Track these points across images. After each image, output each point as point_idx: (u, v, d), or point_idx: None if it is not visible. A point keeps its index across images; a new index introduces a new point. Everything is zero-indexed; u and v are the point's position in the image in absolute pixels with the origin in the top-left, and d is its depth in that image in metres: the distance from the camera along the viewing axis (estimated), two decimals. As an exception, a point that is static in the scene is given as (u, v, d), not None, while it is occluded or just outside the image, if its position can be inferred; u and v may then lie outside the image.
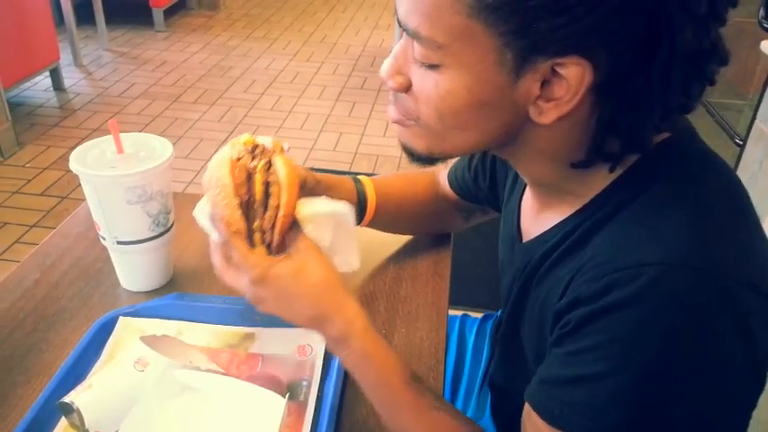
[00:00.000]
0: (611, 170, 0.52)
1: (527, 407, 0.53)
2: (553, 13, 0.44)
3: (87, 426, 0.61)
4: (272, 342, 0.77)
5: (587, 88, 0.47)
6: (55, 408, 0.63)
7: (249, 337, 0.78)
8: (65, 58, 3.51)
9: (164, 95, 3.42)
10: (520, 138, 0.54)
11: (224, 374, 0.69)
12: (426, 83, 0.52)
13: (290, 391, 0.70)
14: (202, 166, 2.75)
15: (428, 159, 0.58)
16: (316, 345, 0.76)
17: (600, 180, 0.54)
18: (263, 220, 0.60)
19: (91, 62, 3.81)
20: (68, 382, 0.66)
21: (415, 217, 0.93)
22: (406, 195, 0.91)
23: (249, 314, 0.79)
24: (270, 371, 0.73)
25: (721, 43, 0.48)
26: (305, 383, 0.72)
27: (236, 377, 0.70)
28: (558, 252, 0.56)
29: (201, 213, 0.64)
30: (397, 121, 0.58)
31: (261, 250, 0.61)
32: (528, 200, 0.68)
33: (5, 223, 2.33)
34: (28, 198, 2.48)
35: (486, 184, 0.83)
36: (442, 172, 0.92)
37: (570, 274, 0.52)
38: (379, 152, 2.89)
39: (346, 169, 2.76)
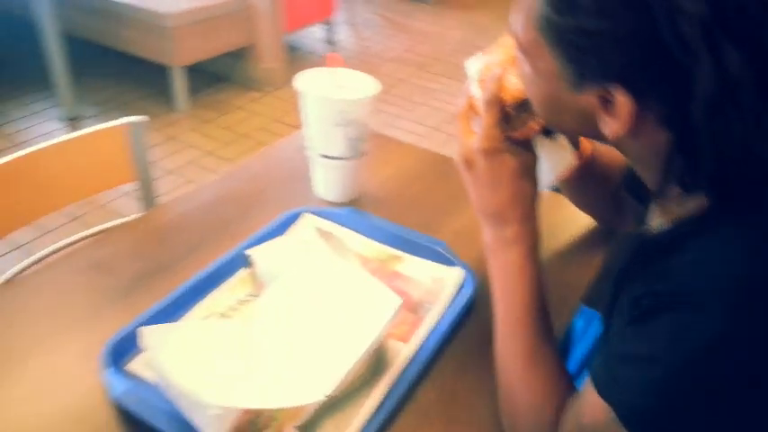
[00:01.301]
0: (684, 198, 0.53)
1: (588, 377, 0.57)
2: (587, 51, 0.50)
3: (257, 274, 0.80)
4: (415, 267, 0.89)
5: (635, 117, 0.50)
6: (242, 257, 0.84)
7: (397, 258, 0.91)
8: (342, 16, 3.98)
9: (414, 63, 3.70)
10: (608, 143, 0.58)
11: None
12: (521, 66, 0.60)
13: (416, 307, 0.82)
14: (430, 134, 2.96)
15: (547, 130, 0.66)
16: (449, 280, 0.86)
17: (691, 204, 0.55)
18: (524, 114, 0.65)
19: (362, 22, 4.26)
20: (255, 245, 0.86)
21: (605, 195, 0.91)
22: (609, 166, 0.88)
23: (400, 240, 0.92)
24: (403, 288, 0.85)
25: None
26: (428, 306, 0.83)
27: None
28: (651, 252, 0.58)
29: (477, 65, 0.70)
30: None
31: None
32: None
33: (262, 143, 2.79)
34: (284, 127, 2.93)
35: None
36: None
37: (655, 274, 0.54)
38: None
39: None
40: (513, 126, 0.66)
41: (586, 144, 0.84)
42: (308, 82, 0.97)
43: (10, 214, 1.03)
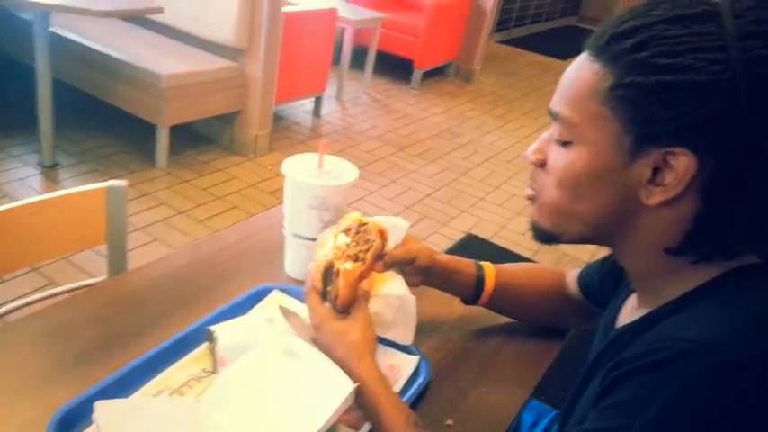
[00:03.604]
0: (695, 262, 0.59)
1: None
2: (666, 107, 0.54)
3: (218, 350, 0.80)
4: (374, 354, 0.90)
5: (691, 180, 0.56)
6: (204, 331, 0.84)
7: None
8: (329, 91, 4.11)
9: (394, 143, 3.81)
10: (625, 225, 0.63)
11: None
12: (557, 158, 0.65)
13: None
14: (400, 212, 3.02)
15: (549, 237, 0.69)
16: (404, 369, 0.87)
17: (685, 283, 0.60)
18: (331, 290, 0.81)
19: (349, 99, 4.40)
20: (219, 319, 0.87)
21: (532, 308, 1.01)
22: (526, 287, 1.00)
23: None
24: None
25: None
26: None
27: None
28: (625, 338, 0.63)
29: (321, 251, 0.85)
30: (529, 197, 0.70)
31: (326, 306, 0.81)
32: (632, 297, 0.74)
33: (236, 207, 2.81)
34: (259, 193, 2.96)
35: (610, 290, 0.89)
36: (570, 273, 0.99)
37: (625, 350, 0.58)
38: (568, 251, 2.89)
39: (529, 257, 2.81)
40: (331, 295, 0.80)
41: None
42: (293, 165, 1.01)
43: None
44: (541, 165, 0.68)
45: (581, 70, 0.61)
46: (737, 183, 0.55)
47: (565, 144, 0.64)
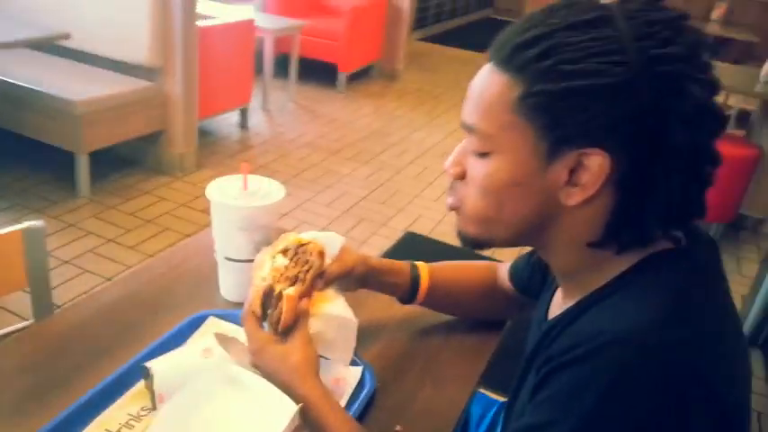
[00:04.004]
0: (618, 252, 0.62)
1: None
2: (575, 111, 0.57)
3: (155, 387, 0.78)
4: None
5: (607, 178, 0.58)
6: (139, 368, 0.82)
7: (301, 360, 0.92)
8: (255, 102, 4.06)
9: (325, 148, 3.81)
10: (549, 226, 0.65)
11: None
12: (477, 169, 0.66)
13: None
14: (337, 216, 3.02)
15: (477, 243, 0.71)
16: (349, 381, 0.88)
17: (607, 274, 0.63)
18: (272, 314, 0.80)
19: (275, 109, 4.35)
20: (155, 354, 0.85)
21: (468, 304, 1.04)
22: (460, 283, 1.03)
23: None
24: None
25: (713, 148, 0.59)
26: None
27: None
28: (555, 331, 0.66)
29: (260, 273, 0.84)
30: (452, 208, 0.72)
31: (265, 330, 0.80)
32: (560, 289, 0.77)
33: (168, 229, 2.74)
34: (191, 212, 2.90)
35: (538, 283, 0.92)
36: (503, 266, 1.02)
37: (554, 343, 0.61)
38: (504, 239, 2.97)
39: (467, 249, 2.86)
40: (272, 320, 0.79)
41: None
42: (218, 188, 0.99)
43: None
44: (461, 177, 0.69)
45: (489, 81, 0.63)
46: (648, 175, 0.58)
47: (482, 155, 0.65)
